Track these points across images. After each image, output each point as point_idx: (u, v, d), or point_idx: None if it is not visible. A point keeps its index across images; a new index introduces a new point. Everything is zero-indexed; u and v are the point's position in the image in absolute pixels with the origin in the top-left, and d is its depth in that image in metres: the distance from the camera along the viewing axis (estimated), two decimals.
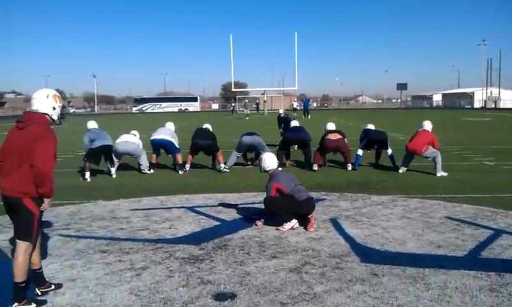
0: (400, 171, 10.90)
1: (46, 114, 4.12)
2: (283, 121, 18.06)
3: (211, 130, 12.39)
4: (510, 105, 73.70)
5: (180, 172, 11.59)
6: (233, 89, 65.29)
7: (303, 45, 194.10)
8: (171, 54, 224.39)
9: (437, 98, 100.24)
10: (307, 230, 6.15)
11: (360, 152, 11.77)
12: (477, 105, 78.30)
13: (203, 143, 11.83)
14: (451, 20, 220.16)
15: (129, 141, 11.56)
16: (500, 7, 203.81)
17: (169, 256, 5.27)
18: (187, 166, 11.76)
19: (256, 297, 4.12)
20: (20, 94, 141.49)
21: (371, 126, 12.56)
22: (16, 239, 4.03)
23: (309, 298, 4.10)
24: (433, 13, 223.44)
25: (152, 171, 11.76)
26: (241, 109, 62.85)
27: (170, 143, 11.79)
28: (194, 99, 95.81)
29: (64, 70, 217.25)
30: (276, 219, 6.40)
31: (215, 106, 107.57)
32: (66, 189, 9.57)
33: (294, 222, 6.25)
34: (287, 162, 12.41)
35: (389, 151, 11.68)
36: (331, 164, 12.35)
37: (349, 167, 11.52)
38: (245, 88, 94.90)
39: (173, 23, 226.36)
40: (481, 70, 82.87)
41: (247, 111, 53.53)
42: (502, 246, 5.42)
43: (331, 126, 12.39)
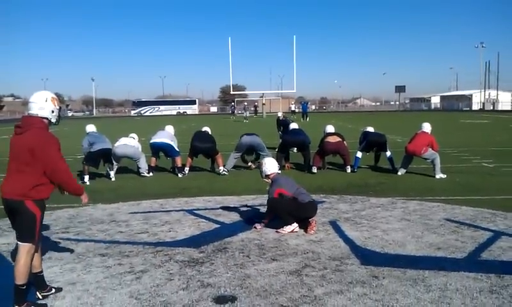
0: (399, 173, 10.91)
1: (44, 118, 4.13)
2: (282, 123, 18.08)
3: (210, 133, 12.37)
4: (508, 107, 73.95)
5: (180, 175, 11.58)
6: (231, 92, 65.31)
7: (302, 48, 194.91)
8: (169, 57, 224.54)
9: (435, 101, 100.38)
10: (307, 233, 6.15)
11: (359, 155, 11.78)
12: (476, 107, 78.43)
13: (202, 146, 11.81)
14: (449, 23, 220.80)
15: (128, 144, 11.55)
16: (498, 9, 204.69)
17: (169, 259, 5.26)
18: (186, 169, 11.76)
19: (256, 300, 4.12)
20: (19, 97, 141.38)
21: (370, 128, 12.57)
22: (18, 241, 4.04)
23: (309, 300, 4.09)
24: (431, 16, 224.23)
25: (151, 174, 11.74)
26: (240, 112, 62.91)
27: (170, 146, 11.79)
28: (192, 102, 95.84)
29: (62, 73, 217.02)
30: (276, 222, 6.40)
31: (213, 109, 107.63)
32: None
33: (295, 225, 6.24)
34: (286, 165, 12.40)
35: (388, 153, 11.71)
36: (330, 167, 12.36)
37: (348, 169, 11.53)
38: (244, 91, 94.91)
39: (172, 26, 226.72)
40: (479, 72, 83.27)
41: (246, 114, 53.55)
42: (502, 248, 5.42)
43: (330, 128, 12.38)
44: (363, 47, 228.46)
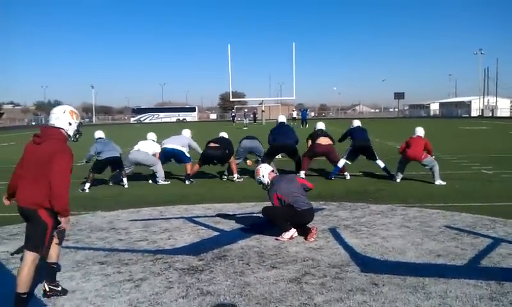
0: (397, 180, 10.88)
1: (62, 129, 4.23)
2: None
3: (227, 137, 12.17)
4: (507, 113, 74.11)
5: (187, 182, 11.52)
6: (231, 99, 65.42)
7: (301, 55, 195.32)
8: (169, 64, 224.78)
9: (434, 107, 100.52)
10: (307, 240, 6.14)
11: (341, 163, 11.55)
12: (474, 113, 78.53)
13: (214, 153, 11.61)
14: (448, 30, 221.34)
15: (140, 150, 11.48)
16: (497, 16, 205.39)
17: (168, 267, 5.25)
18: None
19: None
20: (18, 105, 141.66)
21: (357, 122, 12.37)
22: (25, 249, 4.08)
23: None
24: (430, 23, 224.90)
25: (169, 182, 11.63)
26: (239, 119, 62.97)
27: (180, 152, 11.72)
28: (192, 109, 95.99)
29: (62, 81, 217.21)
30: (275, 229, 6.39)
31: (213, 116, 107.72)
32: None
33: (293, 231, 6.24)
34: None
35: (381, 164, 11.61)
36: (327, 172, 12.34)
37: (347, 176, 11.52)
38: (243, 98, 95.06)
39: (171, 33, 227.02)
40: (478, 79, 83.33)
41: (245, 121, 53.63)
42: (502, 255, 5.41)
43: (320, 125, 12.31)
44: (362, 54, 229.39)
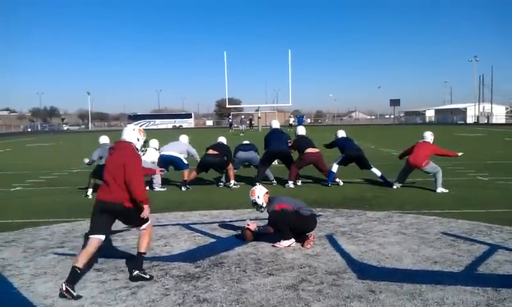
0: (394, 187, 10.86)
1: (131, 143, 5.27)
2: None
3: (225, 143, 12.16)
4: (502, 120, 74.44)
5: (183, 189, 11.49)
6: (227, 105, 65.58)
7: (297, 62, 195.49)
8: (165, 71, 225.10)
9: (430, 114, 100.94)
10: (304, 247, 6.13)
11: (335, 168, 11.59)
12: (470, 120, 78.88)
13: (211, 160, 11.63)
14: (443, 37, 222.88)
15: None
16: (492, 23, 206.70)
17: (164, 274, 5.23)
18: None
19: None
20: (14, 111, 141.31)
21: (342, 133, 12.31)
22: (139, 228, 5.28)
23: None
24: (425, 30, 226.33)
25: (165, 189, 11.61)
26: (235, 126, 63.01)
27: (178, 159, 11.69)
28: (188, 115, 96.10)
29: (58, 87, 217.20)
30: (272, 236, 6.38)
31: (209, 123, 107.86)
32: (60, 207, 9.53)
33: (292, 241, 6.23)
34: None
35: (377, 172, 11.58)
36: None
37: (341, 183, 11.55)
38: (239, 104, 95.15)
39: (167, 40, 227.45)
40: (473, 86, 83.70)
41: (242, 127, 53.68)
42: (498, 261, 5.42)
43: (301, 131, 12.31)
44: (358, 61, 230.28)
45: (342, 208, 8.78)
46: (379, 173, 11.59)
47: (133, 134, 5.32)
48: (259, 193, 6.64)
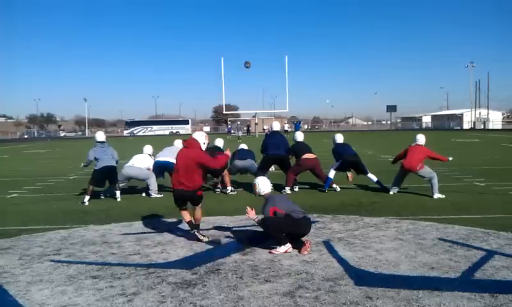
0: (391, 192, 10.86)
1: (199, 143, 7.03)
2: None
3: (221, 147, 12.03)
4: (499, 126, 74.64)
5: None
6: (224, 112, 65.52)
7: (294, 68, 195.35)
8: (162, 77, 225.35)
9: (426, 120, 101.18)
10: (301, 253, 6.12)
11: (332, 174, 11.61)
12: (466, 126, 79.10)
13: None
14: (439, 43, 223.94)
15: (133, 166, 11.43)
16: (488, 29, 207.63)
17: (161, 281, 5.21)
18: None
19: None
20: (11, 118, 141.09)
21: (340, 138, 12.24)
22: (195, 206, 7.12)
23: None
24: (421, 36, 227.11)
25: (162, 195, 11.54)
26: (233, 132, 63.10)
27: (172, 165, 11.58)
28: (185, 122, 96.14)
29: (55, 94, 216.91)
30: (269, 242, 6.37)
31: (206, 129, 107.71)
32: (56, 214, 9.51)
33: (289, 246, 6.21)
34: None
35: (373, 178, 11.57)
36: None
37: (337, 188, 11.57)
38: (236, 111, 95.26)
39: (164, 46, 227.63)
40: (470, 92, 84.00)
41: (239, 133, 53.75)
42: (495, 267, 5.42)
43: (300, 137, 12.25)
44: (354, 67, 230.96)
45: (339, 214, 8.78)
46: (375, 179, 11.59)
47: (201, 138, 7.08)
48: (262, 185, 6.80)
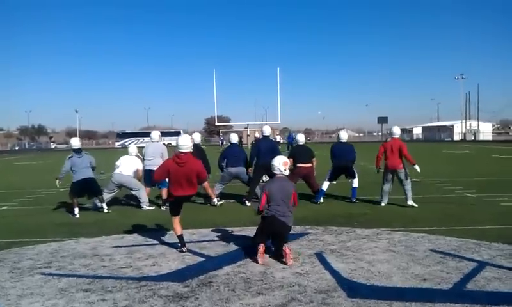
0: (382, 204, 10.84)
1: (191, 152, 7.21)
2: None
3: (201, 149, 11.92)
4: (489, 137, 75.38)
5: (163, 208, 11.29)
6: (216, 123, 65.65)
7: (285, 80, 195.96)
8: (154, 89, 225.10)
9: (417, 131, 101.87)
10: (287, 264, 6.13)
11: (325, 186, 11.64)
12: (457, 137, 79.70)
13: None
14: (429, 55, 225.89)
15: (124, 174, 11.35)
16: (478, 41, 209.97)
17: (153, 294, 5.17)
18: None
19: None
20: (1, 129, 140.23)
21: (344, 136, 12.14)
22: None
23: None
24: (412, 48, 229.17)
25: (153, 208, 11.49)
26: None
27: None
28: (177, 133, 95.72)
29: (46, 105, 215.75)
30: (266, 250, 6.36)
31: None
32: (47, 226, 9.43)
33: (261, 248, 6.39)
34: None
35: (355, 184, 11.59)
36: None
37: (321, 199, 11.61)
38: (228, 122, 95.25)
39: (156, 58, 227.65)
40: (460, 103, 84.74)
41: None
42: (487, 278, 5.44)
43: (301, 139, 12.21)
44: (346, 79, 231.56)
45: (331, 225, 8.78)
46: (355, 184, 11.61)
47: (190, 144, 7.24)
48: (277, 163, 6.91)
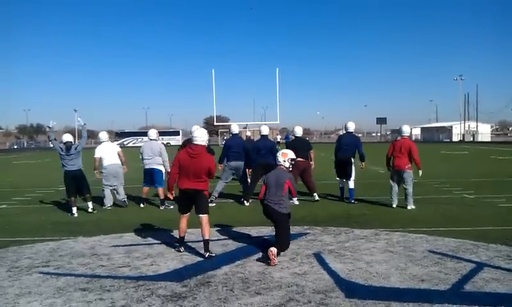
0: (394, 206, 10.67)
1: (205, 146, 6.89)
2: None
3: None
4: (488, 138, 75.46)
5: (162, 207, 11.32)
6: (215, 123, 65.48)
7: (284, 80, 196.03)
8: (152, 88, 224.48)
9: (416, 132, 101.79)
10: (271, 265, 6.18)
11: (351, 185, 11.63)
12: (456, 138, 79.77)
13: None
14: (428, 56, 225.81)
15: (115, 163, 11.45)
16: (476, 42, 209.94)
17: (151, 294, 5.17)
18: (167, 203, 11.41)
19: None
20: (0, 128, 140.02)
21: (351, 125, 12.14)
22: (199, 214, 6.83)
23: None
24: (410, 49, 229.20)
25: (127, 204, 11.61)
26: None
27: (159, 172, 11.51)
28: (176, 133, 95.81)
29: (44, 104, 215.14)
30: (260, 255, 6.35)
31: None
32: (45, 225, 9.42)
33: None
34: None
35: (351, 185, 11.57)
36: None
37: (316, 197, 11.64)
38: (227, 122, 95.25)
39: (155, 57, 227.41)
40: (459, 104, 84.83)
41: None
42: (485, 279, 5.45)
43: (299, 131, 12.16)
44: (345, 80, 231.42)
45: (329, 226, 8.78)
46: (352, 186, 11.60)
47: (206, 138, 6.94)
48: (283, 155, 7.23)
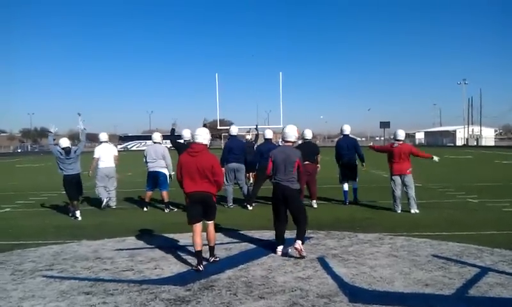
0: (398, 211, 10.61)
1: (206, 145, 6.45)
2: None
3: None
4: (491, 142, 75.24)
5: (166, 210, 11.37)
6: (218, 127, 65.56)
7: (288, 84, 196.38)
8: (156, 92, 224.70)
9: (419, 136, 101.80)
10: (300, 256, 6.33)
11: (346, 187, 11.85)
12: (459, 142, 79.63)
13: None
14: (432, 60, 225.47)
15: (110, 166, 11.63)
16: (481, 47, 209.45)
17: (154, 298, 5.17)
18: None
19: None
20: (4, 131, 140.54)
21: (347, 128, 12.19)
22: (208, 221, 6.48)
23: None
24: (414, 53, 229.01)
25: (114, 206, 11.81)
26: None
27: (163, 176, 11.58)
28: (179, 136, 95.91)
29: (48, 108, 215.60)
30: (263, 259, 6.34)
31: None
32: (49, 228, 9.44)
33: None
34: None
35: (355, 184, 11.74)
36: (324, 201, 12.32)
37: (314, 204, 11.55)
38: (230, 126, 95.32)
39: (158, 61, 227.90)
40: (462, 109, 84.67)
41: None
42: (489, 284, 5.43)
43: (308, 134, 11.99)
44: (348, 84, 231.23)
45: (333, 230, 8.76)
46: (356, 186, 11.84)
47: (208, 137, 6.53)
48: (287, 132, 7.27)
